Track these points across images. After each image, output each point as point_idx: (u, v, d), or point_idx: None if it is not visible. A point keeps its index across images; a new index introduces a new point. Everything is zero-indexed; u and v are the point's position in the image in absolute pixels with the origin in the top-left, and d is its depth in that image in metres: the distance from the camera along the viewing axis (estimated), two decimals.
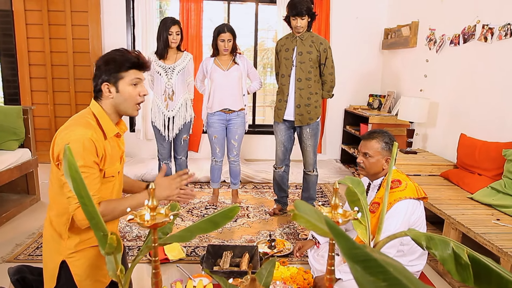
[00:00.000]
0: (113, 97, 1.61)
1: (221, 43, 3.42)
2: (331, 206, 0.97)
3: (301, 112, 3.25)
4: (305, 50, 3.17)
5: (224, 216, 1.06)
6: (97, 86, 1.61)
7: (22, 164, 3.50)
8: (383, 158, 2.06)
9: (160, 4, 5.50)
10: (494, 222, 2.41)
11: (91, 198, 0.94)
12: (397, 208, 1.91)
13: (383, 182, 2.07)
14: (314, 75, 3.22)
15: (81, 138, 1.48)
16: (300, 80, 3.20)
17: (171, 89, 3.43)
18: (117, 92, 1.60)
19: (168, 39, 3.32)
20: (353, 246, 0.55)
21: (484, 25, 3.17)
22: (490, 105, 3.14)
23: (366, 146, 2.11)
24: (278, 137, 3.44)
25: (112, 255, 0.99)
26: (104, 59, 1.61)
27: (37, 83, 4.90)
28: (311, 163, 3.41)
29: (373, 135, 2.12)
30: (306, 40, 3.18)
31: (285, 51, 3.25)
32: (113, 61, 1.59)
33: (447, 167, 3.44)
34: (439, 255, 0.89)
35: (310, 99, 3.23)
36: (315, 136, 3.35)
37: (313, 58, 3.17)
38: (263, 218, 3.50)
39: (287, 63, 3.24)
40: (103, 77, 1.59)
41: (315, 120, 3.29)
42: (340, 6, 5.01)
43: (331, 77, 3.28)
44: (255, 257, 2.50)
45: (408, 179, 2.03)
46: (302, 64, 3.18)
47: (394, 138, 2.14)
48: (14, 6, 4.68)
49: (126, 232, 3.10)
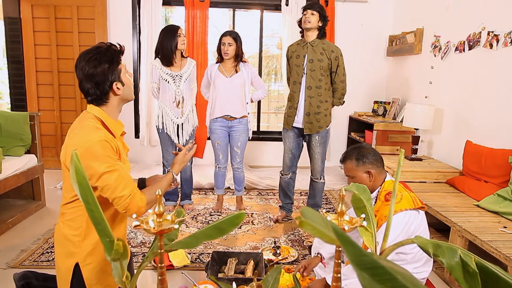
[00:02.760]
0: (121, 92, 1.64)
1: (222, 47, 3.45)
2: (337, 213, 0.97)
3: (311, 120, 3.23)
4: (316, 57, 3.14)
5: (229, 222, 1.06)
6: (104, 90, 1.60)
7: (28, 170, 3.52)
8: (362, 173, 2.07)
9: (166, 11, 5.54)
10: (501, 230, 2.38)
11: (97, 204, 0.94)
12: (394, 221, 1.87)
13: (379, 194, 2.06)
14: (324, 83, 3.19)
15: (97, 141, 1.50)
16: (310, 88, 3.18)
17: (181, 96, 3.45)
18: (123, 85, 1.64)
19: (177, 42, 3.34)
20: (361, 253, 0.54)
21: (489, 32, 3.17)
22: (496, 112, 3.12)
23: (345, 169, 2.15)
24: (286, 144, 3.42)
25: (118, 262, 0.99)
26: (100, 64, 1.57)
27: (44, 89, 4.94)
28: (319, 170, 3.39)
29: (344, 158, 2.16)
30: (317, 47, 3.16)
31: (296, 57, 3.24)
32: (111, 60, 1.59)
33: (452, 174, 3.42)
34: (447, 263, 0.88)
35: (320, 107, 3.21)
36: (324, 144, 3.33)
37: (324, 66, 3.14)
38: (268, 225, 3.49)
39: (298, 70, 3.22)
40: (111, 78, 1.59)
41: (324, 128, 3.27)
42: (345, 13, 5.03)
43: (343, 85, 3.25)
44: (260, 264, 2.49)
45: (403, 189, 2.01)
46: (313, 72, 3.16)
47: (366, 149, 2.13)
48: (22, 13, 4.75)
49: (131, 238, 3.10)
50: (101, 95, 1.61)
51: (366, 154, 2.09)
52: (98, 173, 1.49)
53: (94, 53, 1.58)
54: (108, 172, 1.50)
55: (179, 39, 3.35)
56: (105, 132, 1.56)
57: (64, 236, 1.61)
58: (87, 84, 1.59)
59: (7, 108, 6.36)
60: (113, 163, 1.53)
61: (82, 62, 1.58)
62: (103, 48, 1.60)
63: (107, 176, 1.50)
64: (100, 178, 1.50)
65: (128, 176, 1.58)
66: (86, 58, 1.58)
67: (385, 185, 2.05)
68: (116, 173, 1.52)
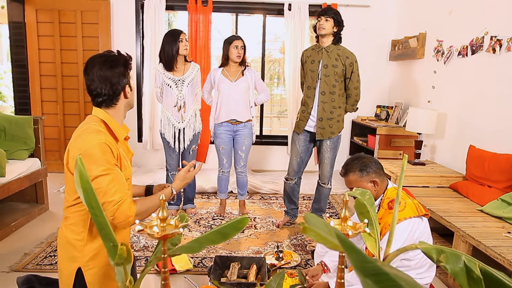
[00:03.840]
0: (130, 96, 1.69)
1: (234, 50, 3.45)
2: (340, 218, 0.97)
3: (323, 126, 3.21)
4: (331, 63, 3.12)
5: (233, 227, 1.06)
6: (116, 92, 1.63)
7: (32, 173, 3.53)
8: (367, 183, 2.05)
9: (169, 16, 5.57)
10: (505, 235, 2.37)
11: (101, 208, 0.94)
12: (398, 229, 1.86)
13: (382, 202, 2.05)
14: (338, 89, 3.17)
15: (97, 144, 1.50)
16: (324, 94, 3.16)
17: (183, 101, 3.46)
18: (131, 90, 1.69)
19: (179, 47, 3.35)
20: (365, 259, 0.54)
21: (492, 36, 3.17)
22: (499, 117, 3.12)
23: (348, 182, 2.13)
24: (295, 148, 3.38)
25: (122, 266, 0.99)
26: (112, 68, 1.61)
27: (48, 93, 4.97)
28: (327, 175, 3.36)
29: (346, 171, 2.12)
30: (332, 52, 3.14)
31: (310, 62, 3.22)
32: (122, 64, 1.64)
33: (456, 178, 3.41)
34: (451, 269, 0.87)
35: (333, 113, 3.20)
36: (334, 150, 3.30)
37: (338, 71, 3.12)
38: (271, 229, 3.48)
39: (312, 75, 3.20)
40: (124, 80, 1.64)
41: (336, 134, 3.26)
42: (348, 18, 5.00)
43: (356, 91, 3.23)
44: (262, 268, 2.48)
45: (407, 197, 2.00)
46: (327, 77, 3.14)
47: (367, 158, 2.11)
48: (27, 18, 4.78)
49: (133, 242, 3.10)
50: (113, 96, 1.64)
51: (369, 164, 2.07)
52: (93, 175, 1.49)
53: (108, 57, 1.64)
54: (103, 176, 1.51)
55: (180, 44, 3.35)
56: (106, 135, 1.57)
57: (66, 240, 1.62)
58: (101, 85, 1.61)
59: (11, 112, 6.39)
60: (109, 167, 1.53)
61: (97, 64, 1.62)
62: (116, 54, 1.67)
63: (100, 179, 1.50)
64: (93, 181, 1.50)
65: (123, 182, 1.57)
66: (101, 61, 1.62)
67: (388, 192, 2.04)
68: (110, 176, 1.52)
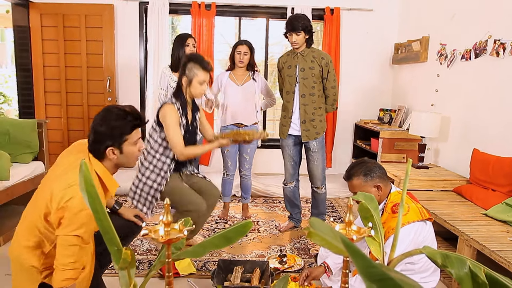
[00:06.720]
0: (117, 158, 1.66)
1: (237, 55, 3.48)
2: (344, 223, 0.97)
3: (307, 128, 3.25)
4: (307, 66, 3.18)
5: (237, 231, 1.06)
6: (99, 150, 1.63)
7: (36, 177, 3.54)
8: (371, 187, 2.04)
9: (172, 20, 5.60)
10: (509, 240, 2.36)
11: (105, 213, 0.95)
12: (402, 233, 1.85)
13: (385, 206, 2.04)
14: (317, 90, 3.23)
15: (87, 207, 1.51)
16: (304, 96, 3.22)
17: None
18: (121, 153, 1.65)
19: (185, 51, 3.38)
20: (370, 265, 0.54)
21: (495, 40, 3.17)
22: (503, 120, 3.11)
23: (352, 187, 2.12)
24: (286, 152, 3.42)
25: (126, 270, 0.99)
26: (107, 126, 1.60)
27: (52, 97, 4.98)
28: (320, 178, 3.36)
29: (350, 175, 2.11)
30: (307, 56, 3.19)
31: (287, 68, 3.27)
32: (117, 127, 1.61)
33: (460, 182, 3.40)
34: (456, 274, 0.87)
35: (315, 114, 3.25)
36: (322, 149, 3.33)
37: (316, 73, 3.18)
38: (274, 233, 3.48)
39: (290, 80, 3.26)
40: (107, 143, 1.61)
41: (321, 134, 3.31)
42: (350, 21, 5.04)
43: (334, 91, 3.28)
44: (266, 272, 2.48)
45: (410, 201, 1.99)
46: (305, 80, 3.19)
47: (371, 163, 2.10)
48: (31, 22, 4.81)
49: (136, 246, 3.10)
50: (97, 151, 1.64)
51: (373, 168, 2.06)
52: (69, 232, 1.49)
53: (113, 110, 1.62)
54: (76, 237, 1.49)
55: (187, 49, 3.38)
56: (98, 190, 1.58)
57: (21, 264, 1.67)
58: (91, 135, 1.64)
59: (15, 115, 6.43)
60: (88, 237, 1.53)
61: (98, 114, 1.63)
62: (122, 114, 1.63)
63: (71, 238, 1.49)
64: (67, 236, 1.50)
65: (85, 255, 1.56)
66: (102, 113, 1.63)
67: (391, 197, 2.04)
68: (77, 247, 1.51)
